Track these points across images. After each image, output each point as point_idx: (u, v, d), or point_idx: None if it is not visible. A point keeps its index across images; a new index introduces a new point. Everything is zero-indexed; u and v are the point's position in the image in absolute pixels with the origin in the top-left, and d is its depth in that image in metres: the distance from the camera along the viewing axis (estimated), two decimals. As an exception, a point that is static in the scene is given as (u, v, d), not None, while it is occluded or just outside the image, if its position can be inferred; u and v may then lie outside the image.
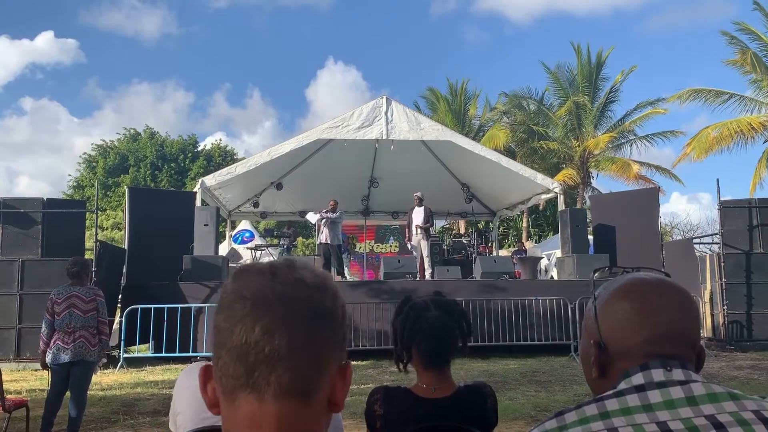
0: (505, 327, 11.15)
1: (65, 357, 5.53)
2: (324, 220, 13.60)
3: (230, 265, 13.64)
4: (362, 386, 8.09)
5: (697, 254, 13.92)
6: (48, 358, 5.59)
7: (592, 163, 27.57)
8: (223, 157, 39.02)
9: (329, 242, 13.54)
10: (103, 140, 39.96)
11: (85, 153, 39.70)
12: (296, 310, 0.76)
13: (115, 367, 10.21)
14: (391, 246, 22.37)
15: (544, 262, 19.01)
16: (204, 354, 10.58)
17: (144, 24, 75.88)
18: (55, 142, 68.09)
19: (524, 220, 30.16)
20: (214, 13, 79.26)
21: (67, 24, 70.45)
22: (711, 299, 12.43)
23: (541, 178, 15.32)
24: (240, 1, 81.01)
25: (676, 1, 75.92)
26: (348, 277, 17.06)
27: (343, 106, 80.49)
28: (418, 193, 13.99)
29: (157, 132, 40.41)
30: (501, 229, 28.60)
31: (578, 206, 24.65)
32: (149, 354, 10.98)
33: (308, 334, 0.76)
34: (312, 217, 13.84)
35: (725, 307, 11.81)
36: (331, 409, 0.80)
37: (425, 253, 13.73)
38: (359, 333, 11.07)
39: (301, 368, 0.75)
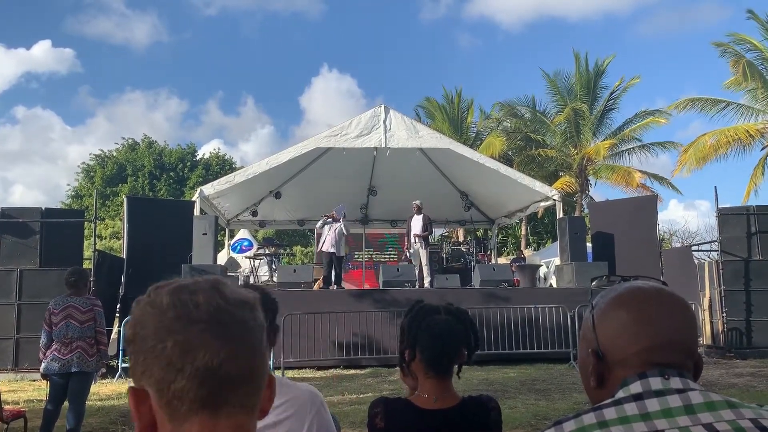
0: (504, 335, 11.13)
1: (63, 367, 5.52)
2: (331, 228, 13.35)
3: (229, 274, 13.63)
4: (362, 395, 8.07)
5: (696, 261, 13.94)
6: (45, 368, 5.58)
7: (591, 171, 27.61)
8: (221, 166, 39.02)
9: (334, 251, 13.39)
10: (101, 150, 40.02)
11: (83, 163, 39.75)
12: (249, 331, 0.79)
13: (113, 377, 10.18)
14: (389, 254, 22.34)
15: (543, 270, 19.01)
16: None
17: (134, 32, 75.90)
18: (49, 151, 67.99)
19: (523, 227, 30.16)
20: (205, 21, 79.22)
21: (65, 34, 70.56)
22: (710, 306, 12.42)
23: (539, 186, 15.34)
24: (230, 9, 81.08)
25: (668, 6, 76.29)
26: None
27: (338, 114, 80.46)
28: (417, 202, 13.97)
29: (155, 141, 40.46)
30: (500, 237, 28.59)
31: (576, 214, 24.68)
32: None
33: (259, 353, 0.80)
34: (319, 224, 13.71)
35: (724, 315, 11.81)
36: (259, 417, 0.83)
37: (424, 261, 13.71)
38: (359, 342, 11.05)
39: (255, 385, 0.79)
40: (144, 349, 0.76)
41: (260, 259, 16.62)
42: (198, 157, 40.42)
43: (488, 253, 18.09)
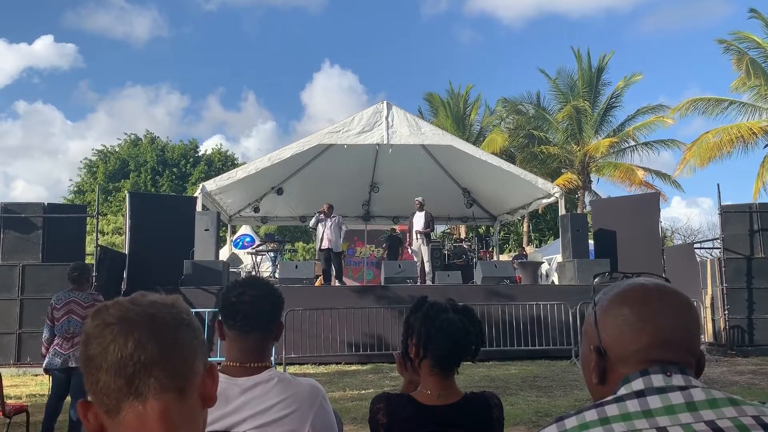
0: (506, 332, 11.14)
1: (64, 362, 5.53)
2: (326, 227, 13.34)
3: (231, 270, 13.63)
4: (363, 391, 8.08)
5: (698, 259, 13.91)
6: (48, 363, 5.59)
7: (593, 168, 27.59)
8: (224, 162, 39.03)
9: (331, 248, 13.39)
10: (104, 145, 40.03)
11: (85, 158, 39.78)
12: (159, 322, 0.89)
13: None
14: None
15: (544, 267, 19.01)
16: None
17: (134, 27, 75.89)
18: (50, 146, 68.06)
19: (525, 224, 30.16)
20: (205, 16, 79.21)
21: (66, 28, 70.59)
22: (712, 304, 12.41)
23: (541, 183, 15.32)
24: (230, 4, 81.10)
25: (669, 3, 76.07)
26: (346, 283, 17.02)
27: (340, 110, 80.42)
28: (419, 198, 13.98)
29: (158, 137, 40.48)
30: (502, 233, 28.57)
31: (579, 211, 24.66)
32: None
33: (174, 340, 0.89)
34: (312, 222, 13.75)
35: (726, 312, 11.79)
36: (205, 405, 0.93)
37: (426, 258, 13.72)
38: (361, 338, 11.06)
39: (173, 368, 0.88)
40: (82, 362, 0.89)
41: (262, 255, 16.63)
42: (200, 153, 40.44)
43: (490, 249, 18.09)
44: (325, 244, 13.29)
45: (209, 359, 0.98)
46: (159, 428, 0.86)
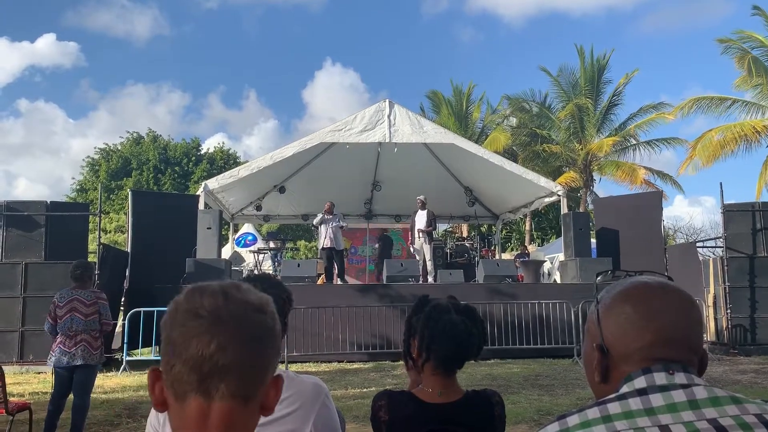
0: (508, 330, 11.14)
1: (67, 360, 5.54)
2: (328, 225, 13.43)
3: (233, 268, 13.64)
4: (365, 389, 8.08)
5: (701, 258, 13.88)
6: (51, 361, 5.61)
7: (595, 167, 27.54)
8: (226, 161, 39.04)
9: (333, 246, 13.45)
10: (106, 144, 40.07)
11: (88, 156, 39.81)
12: (246, 328, 0.89)
13: (117, 370, 10.22)
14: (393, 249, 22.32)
15: (546, 266, 18.98)
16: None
17: (135, 25, 76.02)
18: (52, 144, 68.18)
19: (527, 223, 30.13)
20: (206, 14, 79.35)
21: (69, 27, 70.67)
22: (714, 303, 12.39)
23: (544, 182, 15.30)
24: (230, 2, 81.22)
25: (670, 1, 76.02)
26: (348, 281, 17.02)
27: (342, 108, 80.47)
28: (421, 197, 13.97)
29: (160, 135, 40.49)
30: (504, 232, 28.55)
31: (581, 210, 24.63)
32: (152, 357, 10.98)
33: (256, 349, 0.89)
34: (316, 221, 13.79)
35: (729, 311, 11.78)
36: (262, 413, 0.93)
37: (428, 256, 13.72)
38: (363, 337, 11.07)
39: (247, 378, 0.88)
40: (164, 337, 0.90)
41: (264, 253, 16.62)
42: (202, 152, 40.45)
43: (492, 248, 18.08)
44: (327, 243, 13.33)
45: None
46: (217, 430, 0.86)
